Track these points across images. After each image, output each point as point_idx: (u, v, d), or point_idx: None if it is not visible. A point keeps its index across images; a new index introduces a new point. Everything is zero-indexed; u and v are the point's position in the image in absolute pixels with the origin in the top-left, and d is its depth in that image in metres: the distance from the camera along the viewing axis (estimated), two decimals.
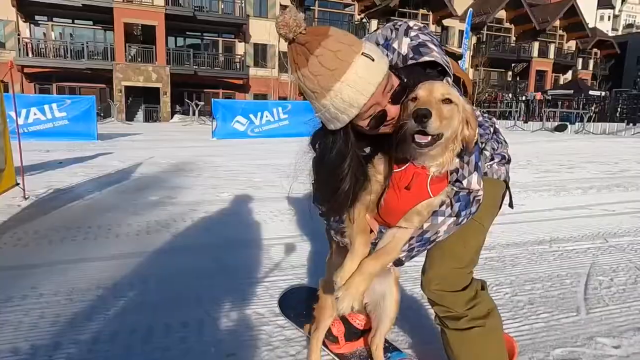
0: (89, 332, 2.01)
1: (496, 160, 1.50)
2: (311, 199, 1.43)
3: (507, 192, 1.57)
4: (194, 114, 25.37)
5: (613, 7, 60.92)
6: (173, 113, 29.80)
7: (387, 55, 1.27)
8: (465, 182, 1.28)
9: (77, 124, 12.70)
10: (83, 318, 2.13)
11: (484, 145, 1.48)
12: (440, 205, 1.30)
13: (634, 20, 64.95)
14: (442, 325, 1.46)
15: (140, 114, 29.60)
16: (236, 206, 4.57)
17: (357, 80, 1.10)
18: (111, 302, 2.31)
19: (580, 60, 44.53)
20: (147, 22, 28.29)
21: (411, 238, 1.34)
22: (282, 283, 2.59)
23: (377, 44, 1.32)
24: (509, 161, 1.55)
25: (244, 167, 7.60)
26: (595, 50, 45.83)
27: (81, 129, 12.66)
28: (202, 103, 25.87)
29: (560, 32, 42.29)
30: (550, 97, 30.46)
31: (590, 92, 28.85)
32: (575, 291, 2.56)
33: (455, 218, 1.31)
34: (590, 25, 44.42)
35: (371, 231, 1.39)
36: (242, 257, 3.02)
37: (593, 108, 27.29)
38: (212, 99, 16.11)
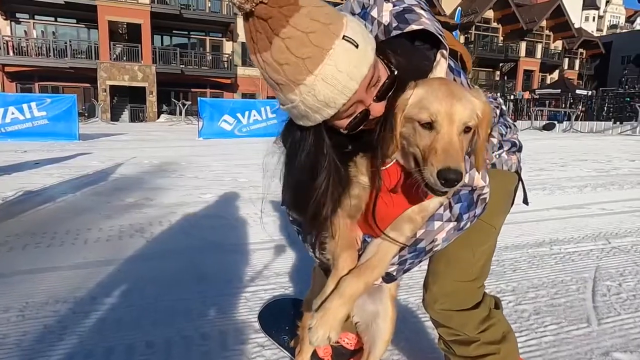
0: (38, 356, 1.74)
1: (505, 148, 1.27)
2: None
3: (520, 186, 1.35)
4: (180, 114, 24.92)
5: (598, 8, 61.76)
6: (160, 113, 29.29)
7: (367, 27, 1.01)
8: (467, 178, 1.04)
9: (58, 123, 12.29)
10: (33, 339, 1.86)
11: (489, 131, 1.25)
12: (437, 208, 1.07)
13: (618, 21, 65.98)
14: (447, 351, 1.23)
15: (126, 114, 29.03)
16: (218, 208, 4.30)
17: (336, 75, 0.84)
18: (69, 319, 2.04)
19: (566, 60, 45.03)
20: (132, 20, 27.75)
21: (402, 248, 1.11)
22: (264, 293, 2.35)
23: (352, 14, 1.07)
24: (520, 149, 1.32)
25: (230, 167, 7.32)
26: (581, 50, 46.37)
27: (62, 128, 12.25)
28: (189, 103, 25.46)
29: (546, 32, 42.65)
30: (538, 96, 30.64)
31: (577, 92, 29.06)
32: (583, 298, 2.36)
33: (455, 223, 1.08)
34: (576, 26, 44.87)
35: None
36: (221, 264, 2.77)
37: (580, 107, 27.47)
38: (199, 98, 15.77)
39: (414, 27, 1.00)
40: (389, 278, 1.15)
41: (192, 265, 2.73)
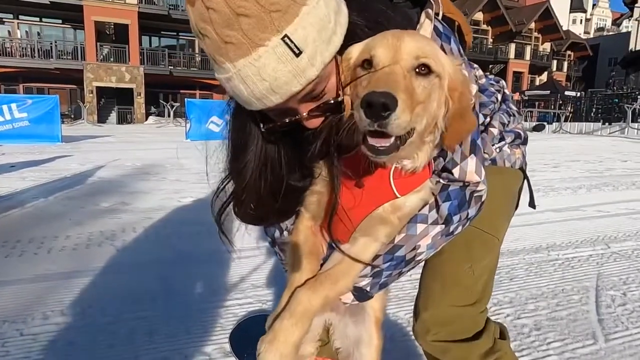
0: None
1: (508, 140, 1.06)
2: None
3: (526, 185, 1.14)
4: (169, 116, 24.56)
5: (585, 11, 62.55)
6: (148, 114, 28.85)
7: None
8: (457, 171, 0.85)
9: (39, 125, 11.92)
10: None
11: (488, 119, 1.05)
12: (421, 208, 0.87)
13: (605, 24, 66.92)
14: None
15: (113, 116, 28.56)
16: (197, 213, 4.07)
17: (256, 81, 0.69)
18: (13, 342, 1.80)
19: (555, 62, 45.39)
20: (119, 21, 27.30)
21: (376, 256, 0.89)
22: (238, 309, 2.13)
23: None
24: (525, 141, 1.11)
25: (214, 169, 7.07)
26: (569, 52, 46.79)
27: (43, 130, 11.89)
28: (177, 104, 25.07)
29: (535, 34, 42.95)
30: (527, 98, 30.78)
31: (566, 93, 29.25)
32: (587, 310, 2.17)
33: (443, 226, 0.87)
34: (564, 28, 45.30)
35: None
36: (194, 276, 2.54)
37: (569, 108, 27.61)
38: (186, 99, 15.48)
39: None
40: (361, 294, 0.94)
41: (162, 278, 2.49)
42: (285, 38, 0.66)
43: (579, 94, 29.13)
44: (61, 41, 27.95)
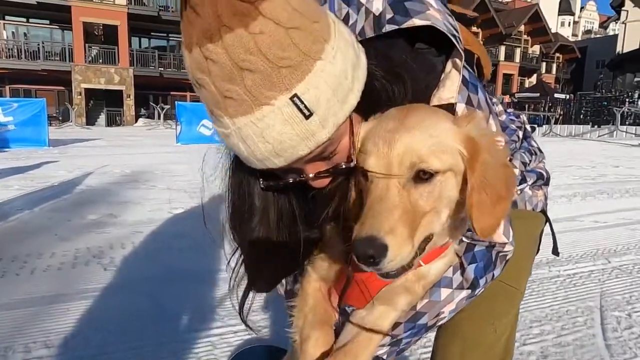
0: None
1: (529, 181, 0.99)
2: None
3: (549, 230, 1.07)
4: (159, 118, 24.31)
5: (573, 14, 63.33)
6: (137, 117, 28.53)
7: (350, 21, 0.74)
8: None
9: (26, 129, 11.67)
10: None
11: (509, 159, 0.97)
12: (443, 272, 0.79)
13: (592, 27, 67.81)
14: None
15: (102, 118, 28.22)
16: (190, 226, 3.94)
17: (258, 143, 0.61)
18: None
19: (544, 64, 45.90)
20: (109, 22, 26.99)
21: (396, 325, 0.81)
22: (233, 337, 2.03)
23: None
24: (547, 181, 1.04)
25: (207, 176, 6.93)
26: (557, 54, 47.35)
27: (30, 134, 11.64)
28: (167, 106, 24.82)
29: (525, 36, 43.39)
30: (517, 100, 31.00)
31: (556, 95, 29.51)
32: (593, 334, 2.11)
33: (469, 290, 0.79)
34: (553, 31, 45.82)
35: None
36: (186, 299, 2.43)
37: (559, 110, 27.86)
38: (176, 102, 15.30)
39: (416, 22, 0.70)
40: None
41: (152, 301, 2.38)
42: (295, 98, 0.57)
43: (568, 96, 29.41)
44: (49, 42, 27.57)
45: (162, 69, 29.01)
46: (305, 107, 0.58)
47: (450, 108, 0.71)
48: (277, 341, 1.90)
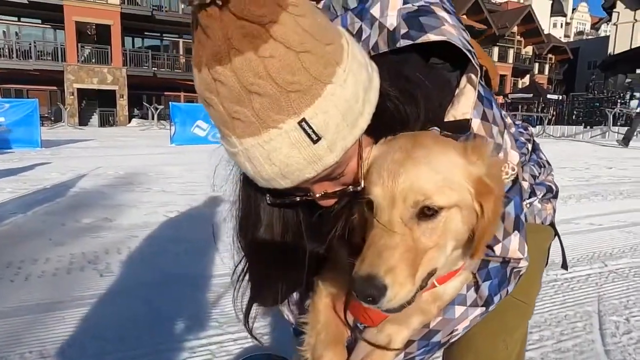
0: None
1: (539, 195, 1.00)
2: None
3: (558, 243, 1.07)
4: (153, 118, 24.17)
5: (565, 15, 63.93)
6: (131, 117, 28.36)
7: (363, 36, 0.73)
8: (498, 249, 0.76)
9: (18, 129, 11.54)
10: None
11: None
12: (458, 290, 0.79)
13: (584, 28, 68.47)
14: None
15: (95, 118, 28.00)
16: (187, 229, 3.92)
17: (265, 164, 0.61)
18: None
19: (536, 65, 46.27)
20: (101, 21, 26.81)
21: (409, 342, 0.80)
22: (233, 345, 2.01)
23: (345, 9, 0.77)
24: (556, 194, 1.04)
25: (202, 178, 6.89)
26: (550, 55, 47.77)
27: (22, 135, 11.53)
28: (161, 107, 24.70)
29: (518, 37, 43.71)
30: (510, 101, 31.21)
31: (548, 96, 29.74)
32: (592, 340, 2.11)
33: (484, 308, 0.79)
34: (545, 32, 46.21)
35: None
36: (183, 305, 2.40)
37: (552, 111, 28.09)
38: (170, 103, 15.23)
39: (431, 37, 0.69)
40: None
41: (148, 307, 2.35)
42: (303, 122, 0.57)
43: (560, 97, 29.65)
44: (41, 41, 27.32)
45: (155, 68, 28.86)
46: (313, 131, 0.57)
47: (465, 123, 0.71)
48: (276, 349, 1.89)
